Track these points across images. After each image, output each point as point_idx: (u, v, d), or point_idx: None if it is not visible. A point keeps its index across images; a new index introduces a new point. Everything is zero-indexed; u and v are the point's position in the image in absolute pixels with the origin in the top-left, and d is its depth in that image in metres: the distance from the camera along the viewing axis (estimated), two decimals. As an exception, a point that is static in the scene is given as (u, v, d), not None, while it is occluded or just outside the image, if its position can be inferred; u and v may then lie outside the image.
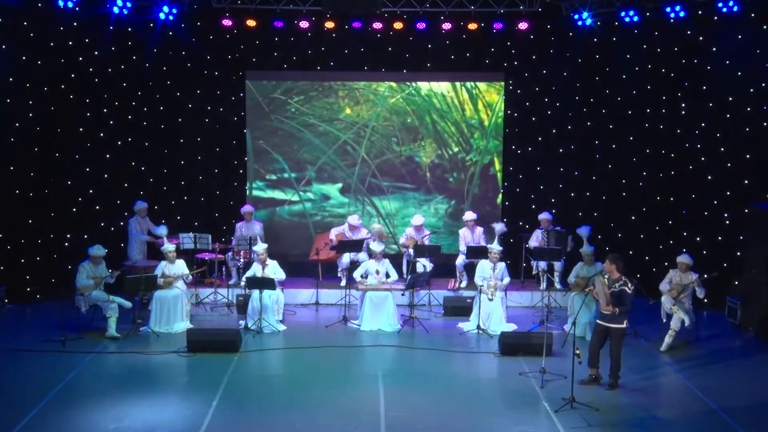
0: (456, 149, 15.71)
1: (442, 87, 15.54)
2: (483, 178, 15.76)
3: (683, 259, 11.77)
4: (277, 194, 15.85)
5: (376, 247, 13.14)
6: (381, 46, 15.22)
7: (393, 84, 15.54)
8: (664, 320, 11.93)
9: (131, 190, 14.91)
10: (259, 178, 15.79)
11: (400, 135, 15.68)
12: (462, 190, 15.78)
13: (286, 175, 15.78)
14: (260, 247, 12.82)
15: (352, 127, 15.67)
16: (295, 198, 15.83)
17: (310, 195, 15.86)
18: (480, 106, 15.57)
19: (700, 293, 11.75)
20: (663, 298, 11.86)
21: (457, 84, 15.55)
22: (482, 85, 15.53)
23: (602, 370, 10.10)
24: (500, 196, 15.75)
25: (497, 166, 15.68)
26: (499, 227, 13.74)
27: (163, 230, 13.28)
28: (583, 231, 13.30)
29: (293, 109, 15.60)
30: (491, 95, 15.54)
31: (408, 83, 15.53)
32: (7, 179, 13.72)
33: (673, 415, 9.37)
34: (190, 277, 12.89)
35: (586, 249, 12.53)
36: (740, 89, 13.33)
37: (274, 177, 15.81)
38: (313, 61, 15.40)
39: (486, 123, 15.62)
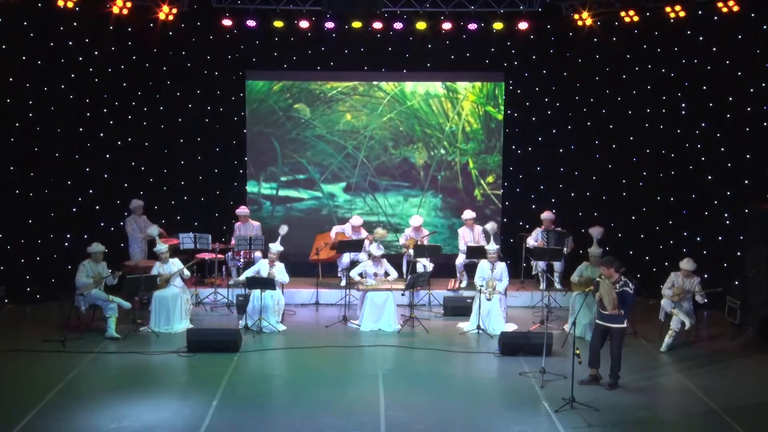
0: (443, 151, 15.84)
1: (431, 94, 15.69)
2: (464, 175, 15.93)
3: (686, 265, 11.69)
4: (291, 193, 15.98)
5: (375, 250, 13.13)
6: (381, 46, 15.22)
7: (387, 96, 15.66)
8: (662, 320, 11.94)
9: (131, 190, 14.90)
10: (271, 179, 15.93)
11: (395, 139, 15.79)
12: (449, 186, 15.99)
13: (301, 176, 15.91)
14: (276, 247, 12.81)
15: (352, 134, 15.77)
16: (305, 196, 15.98)
17: (318, 194, 16.00)
18: (463, 113, 15.72)
19: (701, 299, 11.73)
20: (663, 301, 11.87)
21: (442, 94, 15.67)
22: (464, 91, 15.68)
23: (602, 370, 10.10)
24: (476, 190, 15.90)
25: (471, 164, 15.83)
26: (490, 226, 13.73)
27: (154, 231, 13.24)
28: (595, 231, 13.11)
29: (302, 119, 15.74)
30: (469, 103, 15.74)
31: (399, 91, 15.69)
32: (7, 179, 13.71)
33: (674, 415, 9.38)
34: (187, 272, 12.86)
35: (594, 250, 12.42)
36: (740, 89, 13.33)
37: (290, 177, 15.93)
38: (313, 61, 15.41)
39: (467, 128, 15.77)
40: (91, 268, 12.16)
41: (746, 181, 13.33)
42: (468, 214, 14.53)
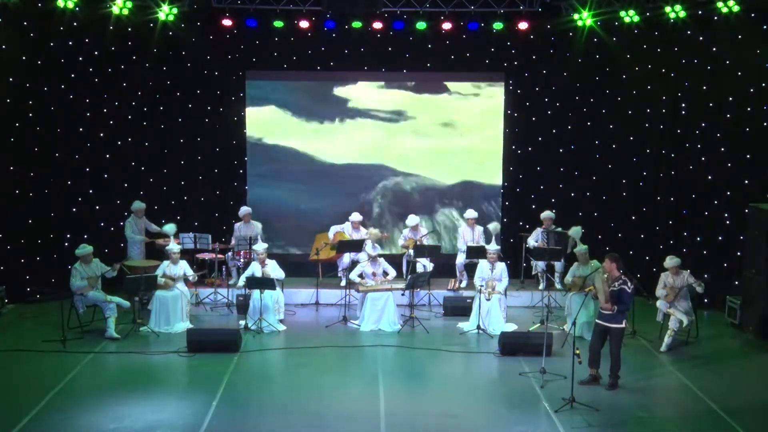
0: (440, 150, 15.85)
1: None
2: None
3: (670, 263, 11.71)
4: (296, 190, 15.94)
5: (370, 250, 13.13)
6: (381, 46, 15.22)
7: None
8: (661, 321, 11.93)
9: (131, 190, 14.89)
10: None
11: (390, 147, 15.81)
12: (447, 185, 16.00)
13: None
14: (260, 246, 12.84)
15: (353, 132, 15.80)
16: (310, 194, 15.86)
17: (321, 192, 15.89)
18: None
19: (700, 289, 11.70)
20: (658, 303, 11.87)
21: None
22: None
23: (602, 370, 10.10)
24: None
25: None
26: (493, 226, 13.74)
27: (171, 229, 13.25)
28: (575, 232, 13.25)
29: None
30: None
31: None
32: (7, 179, 13.71)
33: (673, 415, 9.38)
34: (195, 276, 12.86)
35: (580, 249, 12.53)
36: (740, 89, 13.32)
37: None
38: (313, 61, 15.41)
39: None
40: (84, 269, 12.15)
41: (746, 181, 13.32)
42: (470, 213, 14.52)
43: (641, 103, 14.71)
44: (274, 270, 12.72)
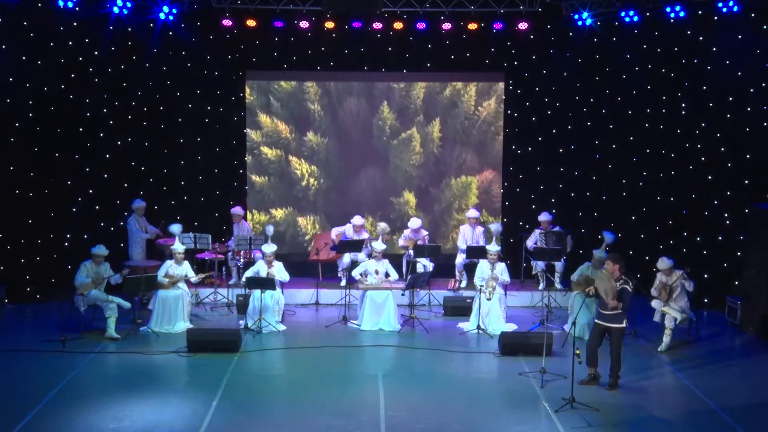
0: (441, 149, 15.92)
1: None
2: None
3: (662, 265, 11.67)
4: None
5: (378, 245, 13.12)
6: (381, 46, 15.23)
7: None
8: (658, 320, 11.92)
9: (131, 190, 14.90)
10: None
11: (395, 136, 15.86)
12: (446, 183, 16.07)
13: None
14: (269, 248, 12.81)
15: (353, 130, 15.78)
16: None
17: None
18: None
19: (689, 286, 11.68)
20: (653, 303, 11.87)
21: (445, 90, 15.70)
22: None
23: (601, 369, 10.11)
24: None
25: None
26: (495, 227, 13.76)
27: (177, 229, 13.24)
28: (608, 237, 12.75)
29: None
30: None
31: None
32: (7, 179, 13.71)
33: (673, 415, 9.38)
34: (198, 279, 12.83)
35: (600, 253, 12.20)
36: (740, 89, 13.32)
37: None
38: (313, 61, 15.42)
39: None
40: (91, 268, 12.16)
41: (746, 181, 13.33)
42: (472, 212, 14.53)
43: (641, 103, 14.71)
44: (279, 272, 12.71)
